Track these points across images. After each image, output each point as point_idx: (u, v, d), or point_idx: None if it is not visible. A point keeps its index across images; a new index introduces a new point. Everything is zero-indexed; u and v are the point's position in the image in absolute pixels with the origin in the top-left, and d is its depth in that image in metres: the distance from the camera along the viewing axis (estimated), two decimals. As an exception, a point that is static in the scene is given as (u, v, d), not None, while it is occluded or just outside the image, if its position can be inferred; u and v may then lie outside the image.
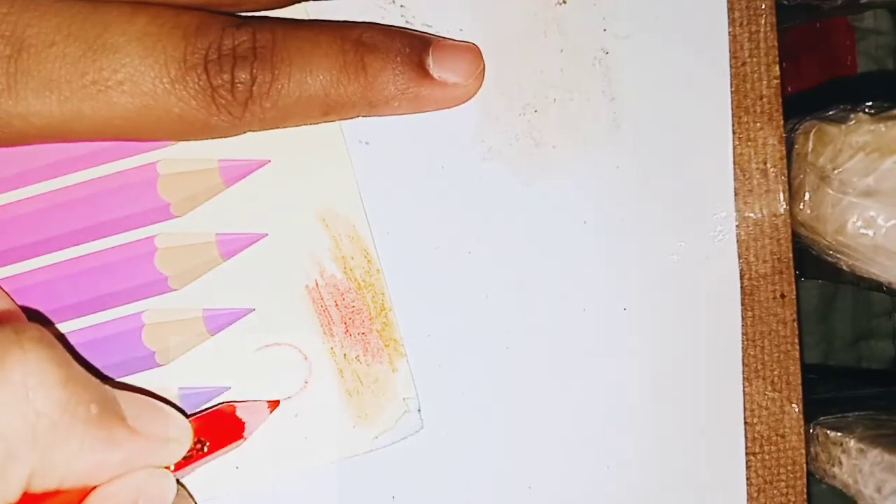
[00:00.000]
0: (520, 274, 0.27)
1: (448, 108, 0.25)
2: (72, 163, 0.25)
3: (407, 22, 0.26)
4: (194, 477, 0.25)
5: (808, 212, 0.28)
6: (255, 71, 0.23)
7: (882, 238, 0.28)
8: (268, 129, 0.24)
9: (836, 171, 0.28)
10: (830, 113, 0.29)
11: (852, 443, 0.30)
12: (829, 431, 0.31)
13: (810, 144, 0.29)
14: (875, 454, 0.29)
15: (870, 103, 0.29)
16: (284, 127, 0.24)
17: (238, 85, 0.23)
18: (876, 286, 0.30)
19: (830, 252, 0.29)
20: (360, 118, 0.25)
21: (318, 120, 0.24)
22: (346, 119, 0.25)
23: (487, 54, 0.26)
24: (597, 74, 0.26)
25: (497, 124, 0.27)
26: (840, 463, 0.30)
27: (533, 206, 0.27)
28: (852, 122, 0.28)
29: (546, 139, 0.27)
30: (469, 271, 0.27)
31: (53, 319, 0.26)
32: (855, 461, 0.30)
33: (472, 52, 0.25)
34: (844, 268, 0.29)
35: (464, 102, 0.25)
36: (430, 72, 0.24)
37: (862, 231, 0.28)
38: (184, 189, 0.25)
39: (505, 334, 0.27)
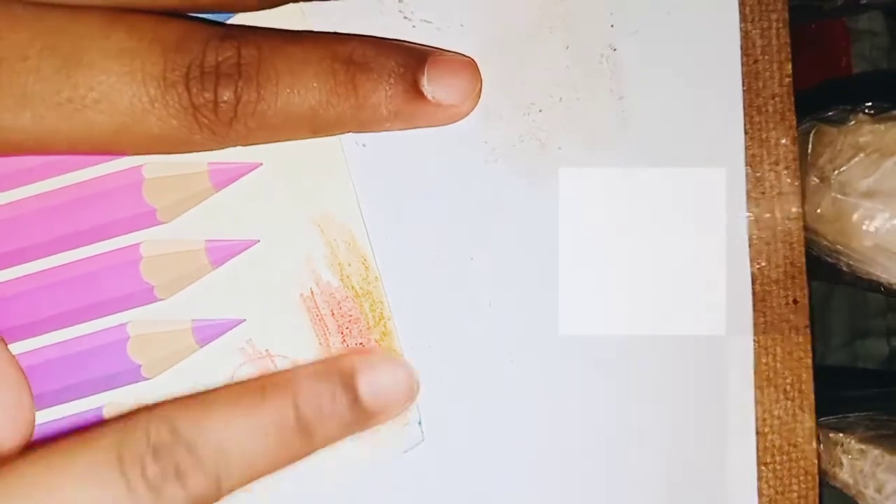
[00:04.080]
0: (524, 281, 0.26)
1: (441, 125, 0.24)
2: (53, 167, 0.24)
3: (405, 18, 0.25)
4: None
5: (809, 213, 0.28)
6: (239, 89, 0.22)
7: (882, 238, 0.28)
8: (254, 145, 0.23)
9: (836, 172, 0.28)
10: (830, 114, 0.29)
11: (853, 443, 0.30)
12: (829, 432, 0.31)
13: (810, 145, 0.29)
14: (876, 454, 0.30)
15: (869, 104, 0.29)
16: (271, 142, 0.24)
17: (221, 104, 0.22)
18: (875, 287, 0.30)
19: (830, 253, 0.29)
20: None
21: (306, 137, 0.24)
22: (335, 135, 0.24)
23: (489, 51, 0.25)
24: (604, 72, 0.26)
25: (501, 125, 0.26)
26: (841, 463, 0.30)
27: (537, 208, 0.26)
28: (852, 123, 0.28)
29: (552, 140, 0.26)
30: (471, 278, 0.26)
31: (34, 332, 0.25)
32: (856, 461, 0.30)
33: (469, 71, 0.24)
34: (844, 268, 0.29)
35: (457, 121, 0.24)
36: (425, 92, 0.23)
37: (862, 232, 0.28)
38: (171, 194, 0.25)
39: (508, 343, 0.26)
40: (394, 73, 0.23)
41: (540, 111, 0.26)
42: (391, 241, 0.26)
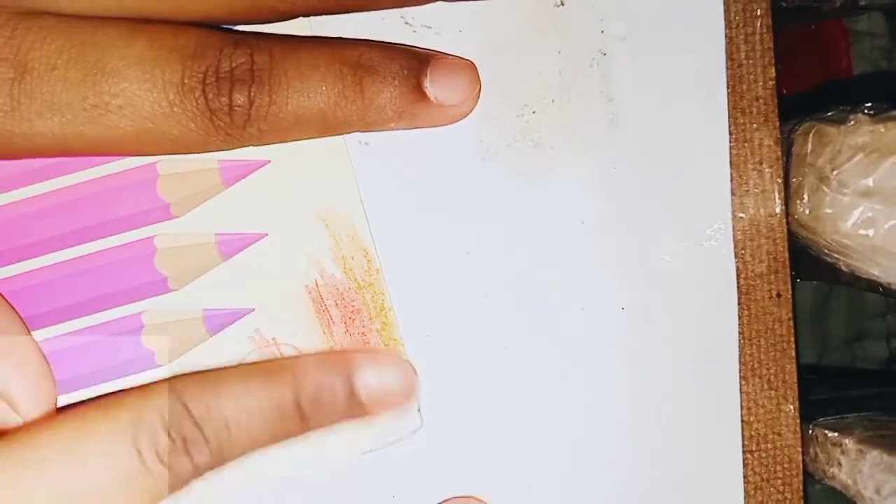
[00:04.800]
0: (519, 274, 0.27)
1: (441, 125, 0.25)
2: (72, 163, 0.25)
3: (406, 23, 0.26)
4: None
5: (808, 212, 0.28)
6: (252, 94, 0.23)
7: (881, 239, 0.28)
8: (266, 145, 0.24)
9: (835, 172, 0.28)
10: (830, 114, 0.29)
11: (851, 444, 0.30)
12: (828, 432, 0.31)
13: (809, 145, 0.29)
14: (874, 455, 0.29)
15: (869, 104, 0.29)
16: (282, 143, 0.24)
17: (236, 108, 0.23)
18: (873, 287, 0.30)
19: (829, 253, 0.29)
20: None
21: (315, 137, 0.25)
22: (341, 135, 0.25)
23: (486, 55, 0.26)
24: (594, 75, 0.26)
25: (496, 125, 0.26)
26: (839, 464, 0.30)
27: (531, 206, 0.27)
28: (851, 123, 0.28)
29: (544, 140, 0.27)
30: (468, 271, 0.27)
31: (52, 320, 0.26)
32: (854, 462, 0.30)
33: (469, 72, 0.25)
34: (843, 268, 0.29)
35: (457, 121, 0.25)
36: (427, 94, 0.24)
37: (861, 232, 0.28)
38: (184, 189, 0.25)
39: (504, 334, 0.27)
40: (398, 75, 0.24)
41: (533, 112, 0.26)
42: (392, 235, 0.26)
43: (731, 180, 0.27)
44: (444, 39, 0.26)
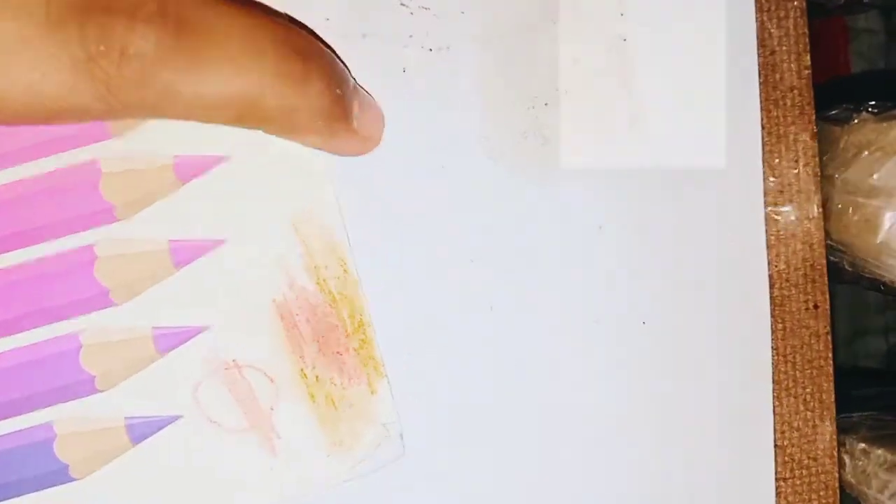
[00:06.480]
0: (528, 284, 0.26)
1: (346, 154, 0.24)
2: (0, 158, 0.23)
3: (402, 4, 0.24)
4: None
5: None
6: (156, 40, 0.18)
7: (885, 237, 0.28)
8: (159, 118, 0.20)
9: (839, 171, 0.28)
10: (833, 112, 0.30)
11: (856, 443, 0.30)
12: None
13: None
14: (879, 455, 0.30)
15: (872, 103, 0.29)
16: (184, 119, 0.20)
17: (129, 56, 0.18)
18: (875, 285, 0.30)
19: (833, 251, 0.29)
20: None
21: (227, 123, 0.21)
22: (254, 130, 0.22)
23: (491, 40, 0.25)
24: (613, 64, 0.26)
25: (502, 119, 0.25)
26: (844, 463, 0.30)
27: (542, 209, 0.26)
28: (855, 122, 0.29)
29: (557, 136, 0.26)
30: (472, 281, 0.25)
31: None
32: (859, 462, 0.30)
33: (381, 115, 0.24)
34: (847, 266, 0.30)
35: (358, 155, 0.24)
36: (353, 123, 0.22)
37: (865, 230, 0.28)
38: (131, 189, 0.24)
39: (508, 350, 0.26)
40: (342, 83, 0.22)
41: (545, 105, 0.26)
42: (384, 244, 0.25)
43: (764, 180, 0.26)
44: (444, 22, 0.25)
